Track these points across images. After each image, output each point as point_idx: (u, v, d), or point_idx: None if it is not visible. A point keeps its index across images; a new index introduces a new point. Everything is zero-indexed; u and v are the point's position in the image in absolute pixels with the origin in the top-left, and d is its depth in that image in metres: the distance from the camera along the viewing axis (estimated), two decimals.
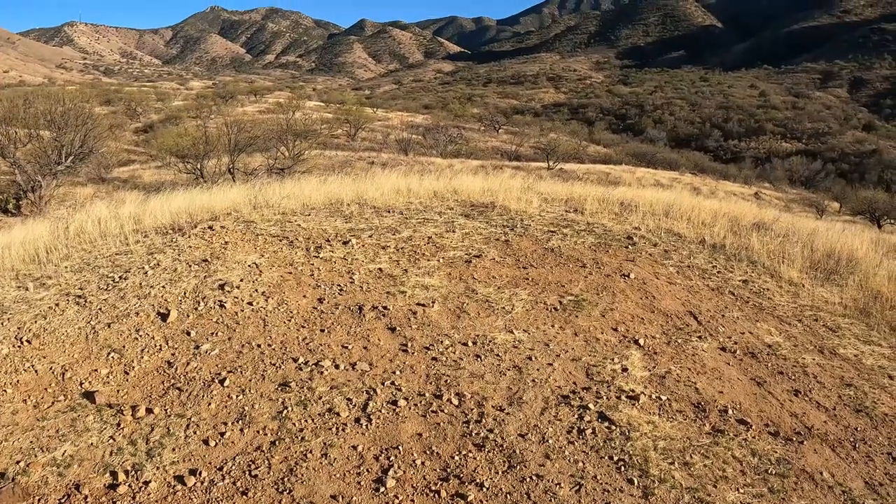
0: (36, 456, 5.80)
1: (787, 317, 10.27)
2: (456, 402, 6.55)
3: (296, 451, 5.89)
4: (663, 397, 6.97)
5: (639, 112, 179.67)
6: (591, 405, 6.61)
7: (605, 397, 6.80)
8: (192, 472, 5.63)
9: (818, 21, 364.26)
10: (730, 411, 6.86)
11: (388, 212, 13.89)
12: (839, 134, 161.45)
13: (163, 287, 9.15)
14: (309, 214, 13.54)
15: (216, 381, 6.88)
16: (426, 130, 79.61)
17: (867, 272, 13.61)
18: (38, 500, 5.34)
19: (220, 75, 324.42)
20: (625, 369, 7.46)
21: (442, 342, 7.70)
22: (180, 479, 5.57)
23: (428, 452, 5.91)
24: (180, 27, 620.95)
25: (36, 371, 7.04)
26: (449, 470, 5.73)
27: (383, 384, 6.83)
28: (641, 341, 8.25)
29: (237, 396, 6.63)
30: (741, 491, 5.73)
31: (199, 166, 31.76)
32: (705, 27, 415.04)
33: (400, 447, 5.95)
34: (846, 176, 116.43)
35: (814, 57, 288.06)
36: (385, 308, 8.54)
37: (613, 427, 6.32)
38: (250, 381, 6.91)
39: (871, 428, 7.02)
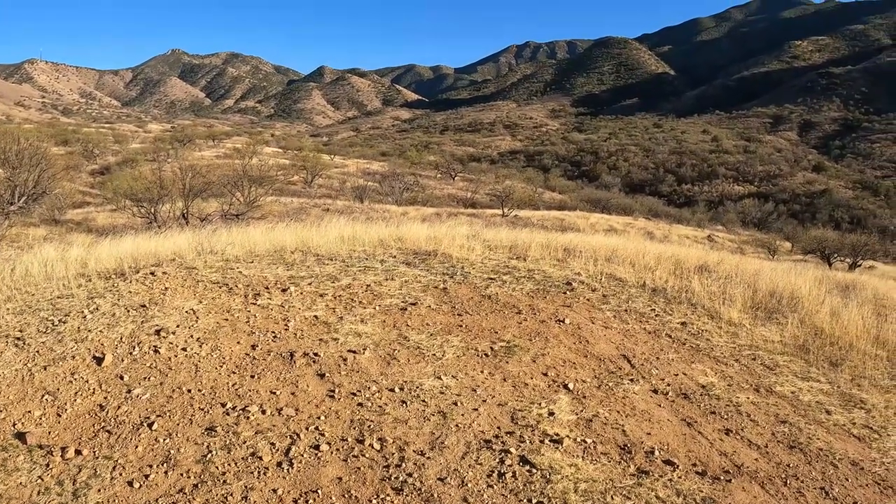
0: None
1: (724, 357, 10.40)
2: (378, 446, 6.58)
3: (217, 494, 5.89)
4: (588, 440, 6.99)
5: (594, 159, 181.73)
6: (513, 449, 6.64)
7: (528, 441, 6.83)
8: None
9: (768, 67, 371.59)
10: (656, 452, 6.90)
11: (331, 259, 13.94)
12: (790, 175, 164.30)
13: (100, 331, 9.12)
14: (252, 261, 13.56)
15: (145, 424, 6.87)
16: (382, 178, 79.89)
17: (810, 310, 13.84)
18: None
19: (178, 118, 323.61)
20: (551, 413, 7.50)
21: (369, 388, 7.73)
22: None
23: (346, 496, 5.92)
24: (141, 69, 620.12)
25: None
26: None
27: (307, 429, 6.85)
28: (571, 385, 8.32)
29: (164, 440, 6.63)
30: None
31: (152, 211, 31.64)
32: (658, 75, 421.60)
33: (319, 491, 5.97)
34: (797, 216, 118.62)
35: (764, 102, 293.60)
36: (316, 355, 8.56)
37: (534, 470, 6.35)
38: (178, 425, 6.91)
39: (805, 464, 7.11)
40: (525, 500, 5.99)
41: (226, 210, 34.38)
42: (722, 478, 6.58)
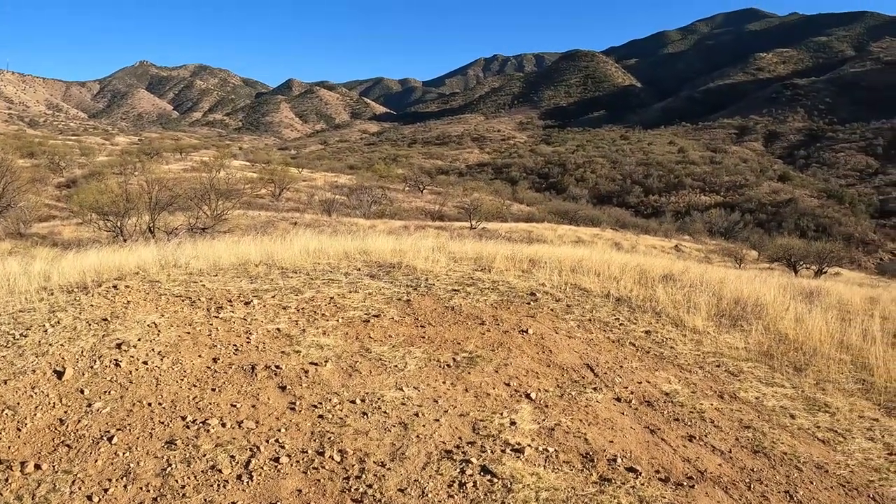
0: None
1: (689, 364, 10.46)
2: (338, 458, 6.55)
3: None
4: (550, 449, 6.99)
5: (561, 171, 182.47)
6: (474, 459, 6.63)
7: (489, 451, 6.81)
8: None
9: (733, 79, 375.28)
10: (619, 460, 6.90)
11: (295, 272, 13.92)
12: (756, 185, 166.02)
13: (61, 345, 9.05)
14: (216, 275, 13.51)
15: (105, 438, 6.81)
16: (351, 191, 79.90)
17: (775, 316, 13.98)
18: None
19: (146, 131, 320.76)
20: (513, 423, 7.49)
21: (330, 400, 7.71)
22: None
23: None
24: (108, 81, 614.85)
25: None
26: None
27: (268, 441, 6.81)
28: (533, 395, 8.32)
29: (124, 454, 6.56)
30: None
31: (118, 224, 31.45)
32: (625, 87, 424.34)
33: (279, 503, 5.95)
34: (764, 225, 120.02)
35: (730, 113, 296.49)
36: (278, 367, 8.53)
37: (496, 480, 6.34)
38: (138, 438, 6.85)
39: (769, 468, 7.14)
40: None
41: (193, 224, 34.25)
42: (685, 484, 6.58)
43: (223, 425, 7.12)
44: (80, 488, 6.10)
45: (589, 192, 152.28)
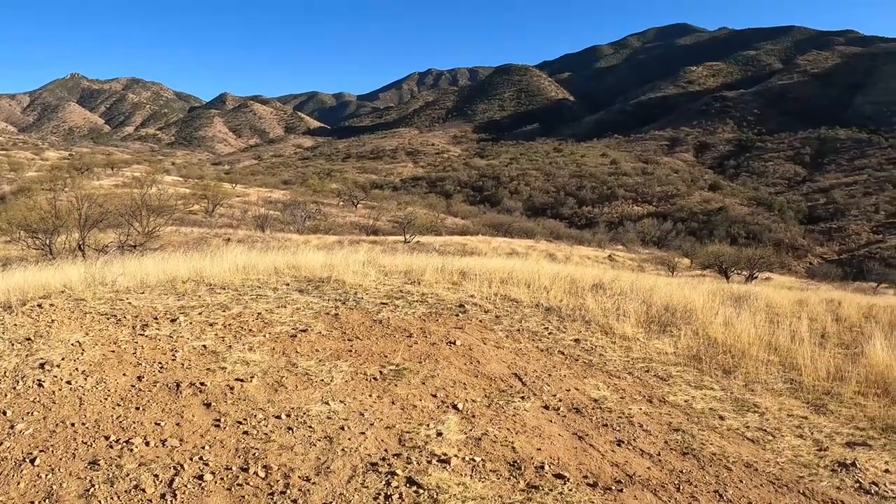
0: None
1: (618, 371, 10.57)
2: (263, 474, 6.50)
3: None
4: (477, 458, 6.97)
5: (495, 183, 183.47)
6: (399, 471, 6.60)
7: (415, 462, 6.79)
8: None
9: (664, 92, 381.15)
10: (547, 467, 6.91)
11: (224, 288, 13.80)
12: (687, 195, 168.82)
13: None
14: (143, 292, 13.34)
15: (27, 460, 6.67)
16: (285, 206, 79.35)
17: (704, 321, 14.23)
18: None
19: (77, 146, 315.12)
20: (440, 434, 7.48)
21: (256, 416, 7.64)
22: None
23: None
24: (39, 94, 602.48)
25: None
26: None
27: (192, 459, 6.73)
28: (461, 405, 8.33)
29: (46, 475, 6.44)
30: None
31: (47, 242, 30.86)
32: (559, 101, 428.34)
33: None
34: (696, 233, 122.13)
35: (661, 125, 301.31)
36: (203, 384, 8.44)
37: (421, 491, 6.32)
38: (61, 459, 6.72)
39: (698, 469, 7.21)
40: None
41: (123, 241, 33.70)
42: (613, 488, 6.60)
43: (147, 444, 7.03)
44: None
45: (523, 204, 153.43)
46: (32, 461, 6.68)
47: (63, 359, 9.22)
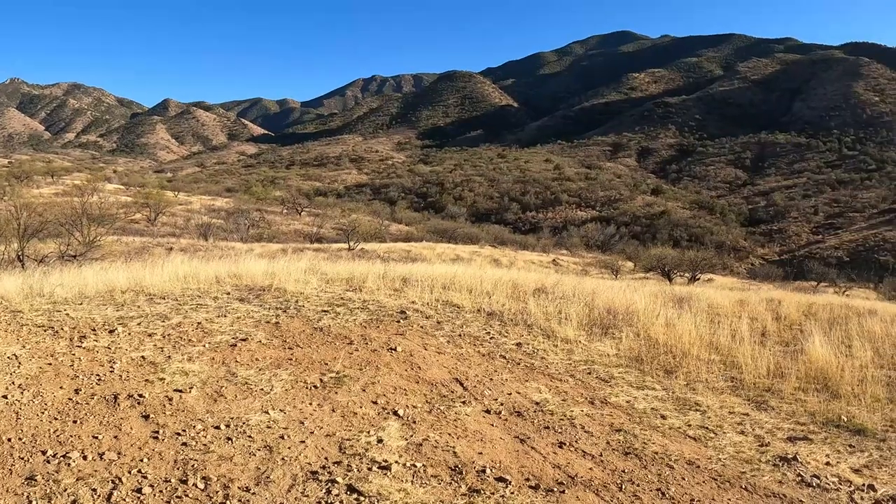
0: None
1: (560, 373, 10.63)
2: (202, 485, 6.43)
3: None
4: (418, 464, 6.95)
5: (439, 190, 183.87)
6: (340, 479, 6.56)
7: (356, 469, 6.76)
8: None
9: (607, 98, 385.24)
10: (488, 470, 6.90)
11: (163, 298, 13.64)
12: (630, 199, 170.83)
13: None
14: (81, 303, 13.15)
15: None
16: (228, 214, 78.66)
17: (646, 323, 14.38)
18: None
19: (16, 153, 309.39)
20: (380, 440, 7.45)
21: (194, 427, 7.55)
22: None
23: None
24: None
25: None
26: None
27: (130, 472, 6.64)
28: (401, 412, 8.31)
29: None
30: None
31: None
32: (502, 107, 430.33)
33: None
34: (639, 237, 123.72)
35: (604, 131, 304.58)
36: (141, 396, 8.33)
37: (362, 498, 6.29)
38: None
39: (641, 468, 7.27)
40: None
41: (64, 251, 33.17)
42: (556, 490, 6.62)
43: (85, 458, 6.93)
44: None
45: (467, 210, 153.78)
46: None
47: None
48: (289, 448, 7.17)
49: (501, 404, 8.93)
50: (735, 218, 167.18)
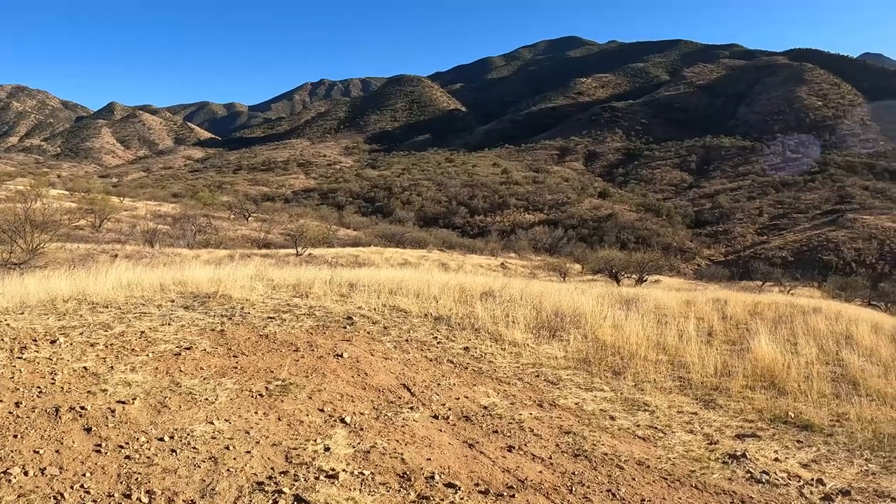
0: None
1: (508, 377, 10.65)
2: (146, 499, 6.32)
3: None
4: (366, 472, 6.91)
5: (387, 194, 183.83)
6: (286, 489, 6.49)
7: (303, 479, 6.68)
8: None
9: (555, 103, 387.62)
10: (437, 476, 6.88)
11: (107, 307, 13.42)
12: (577, 202, 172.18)
13: None
14: (23, 313, 12.87)
15: None
16: (174, 220, 77.82)
17: (593, 325, 14.48)
18: None
19: None
20: (327, 449, 7.39)
21: (138, 439, 7.41)
22: None
23: None
24: None
25: None
26: None
27: (72, 488, 6.50)
28: (348, 419, 8.24)
29: None
30: None
31: None
32: (450, 111, 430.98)
33: None
34: (586, 240, 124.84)
35: (551, 135, 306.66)
36: (83, 408, 8.16)
37: None
38: None
39: (591, 469, 7.30)
40: None
41: (6, 259, 32.62)
42: (505, 494, 6.60)
43: (25, 474, 6.78)
44: None
45: (415, 214, 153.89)
46: None
47: None
48: (234, 459, 7.08)
49: (449, 409, 8.91)
50: (681, 220, 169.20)
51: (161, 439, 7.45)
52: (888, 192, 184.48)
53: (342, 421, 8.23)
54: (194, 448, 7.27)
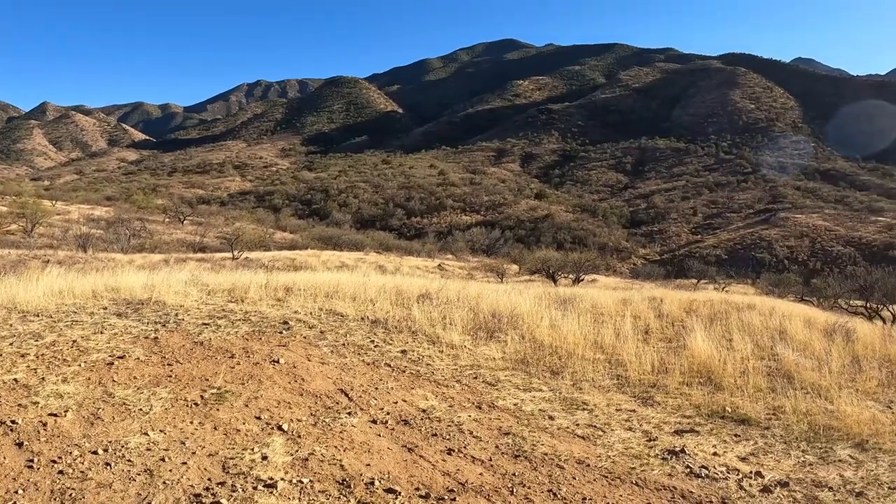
0: None
1: (446, 379, 10.64)
2: None
3: None
4: (305, 480, 6.83)
5: (324, 197, 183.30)
6: (224, 500, 6.38)
7: (240, 489, 6.60)
8: None
9: (492, 105, 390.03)
10: (377, 482, 6.84)
11: (37, 315, 13.11)
12: (514, 203, 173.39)
13: None
14: None
15: None
16: (108, 224, 76.62)
17: (531, 325, 14.53)
18: None
19: None
20: (265, 457, 7.30)
21: (71, 453, 7.22)
22: None
23: None
24: None
25: None
26: None
27: None
28: (286, 426, 8.16)
29: None
30: None
31: None
32: (387, 113, 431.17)
33: None
34: (523, 240, 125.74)
35: (488, 137, 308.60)
36: (14, 422, 7.94)
37: None
38: None
39: (531, 470, 7.32)
40: None
41: None
42: (446, 498, 6.60)
43: None
44: None
45: (352, 216, 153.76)
46: None
47: None
48: (170, 471, 6.95)
49: (388, 413, 8.87)
50: (617, 220, 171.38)
51: (95, 452, 7.30)
52: (819, 191, 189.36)
53: (280, 428, 8.14)
54: (129, 461, 7.13)
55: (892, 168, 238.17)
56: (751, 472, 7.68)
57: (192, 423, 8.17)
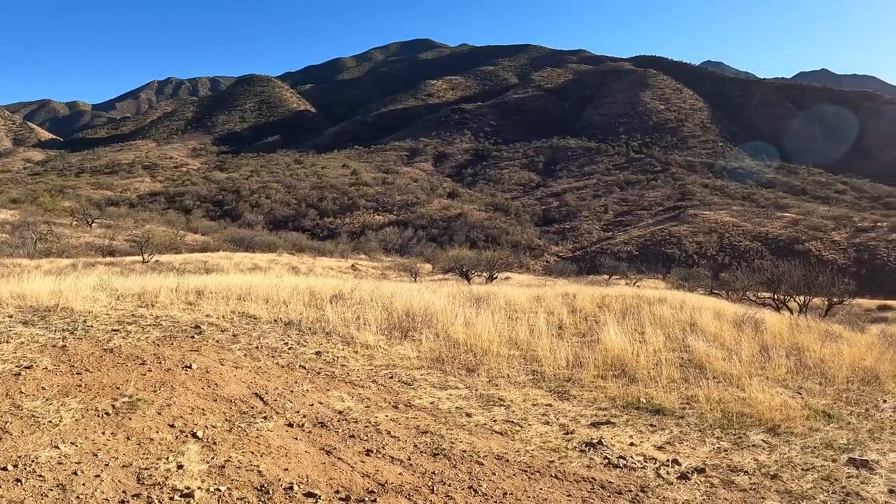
0: None
1: (361, 380, 10.64)
2: None
3: None
4: (223, 488, 6.75)
5: (236, 197, 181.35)
6: None
7: (157, 501, 6.46)
8: None
9: (405, 104, 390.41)
10: (296, 487, 6.78)
11: None
12: (427, 203, 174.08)
13: None
14: None
15: None
16: (13, 228, 74.65)
17: (445, 323, 14.59)
18: None
19: None
20: (180, 466, 7.17)
21: None
22: None
23: None
24: None
25: None
26: None
27: None
28: (200, 433, 8.03)
29: None
30: None
31: None
32: (300, 112, 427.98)
33: None
34: (436, 239, 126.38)
35: (401, 136, 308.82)
36: None
37: None
38: None
39: (451, 468, 7.36)
40: None
41: None
42: (367, 499, 6.59)
43: None
44: None
45: (265, 217, 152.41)
46: None
47: None
48: (83, 484, 6.77)
49: (304, 416, 8.82)
50: (529, 218, 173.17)
51: (4, 469, 7.06)
52: (726, 189, 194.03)
53: (194, 436, 8.01)
54: (40, 476, 6.91)
55: (797, 166, 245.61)
56: (668, 460, 7.88)
57: (104, 433, 7.97)
